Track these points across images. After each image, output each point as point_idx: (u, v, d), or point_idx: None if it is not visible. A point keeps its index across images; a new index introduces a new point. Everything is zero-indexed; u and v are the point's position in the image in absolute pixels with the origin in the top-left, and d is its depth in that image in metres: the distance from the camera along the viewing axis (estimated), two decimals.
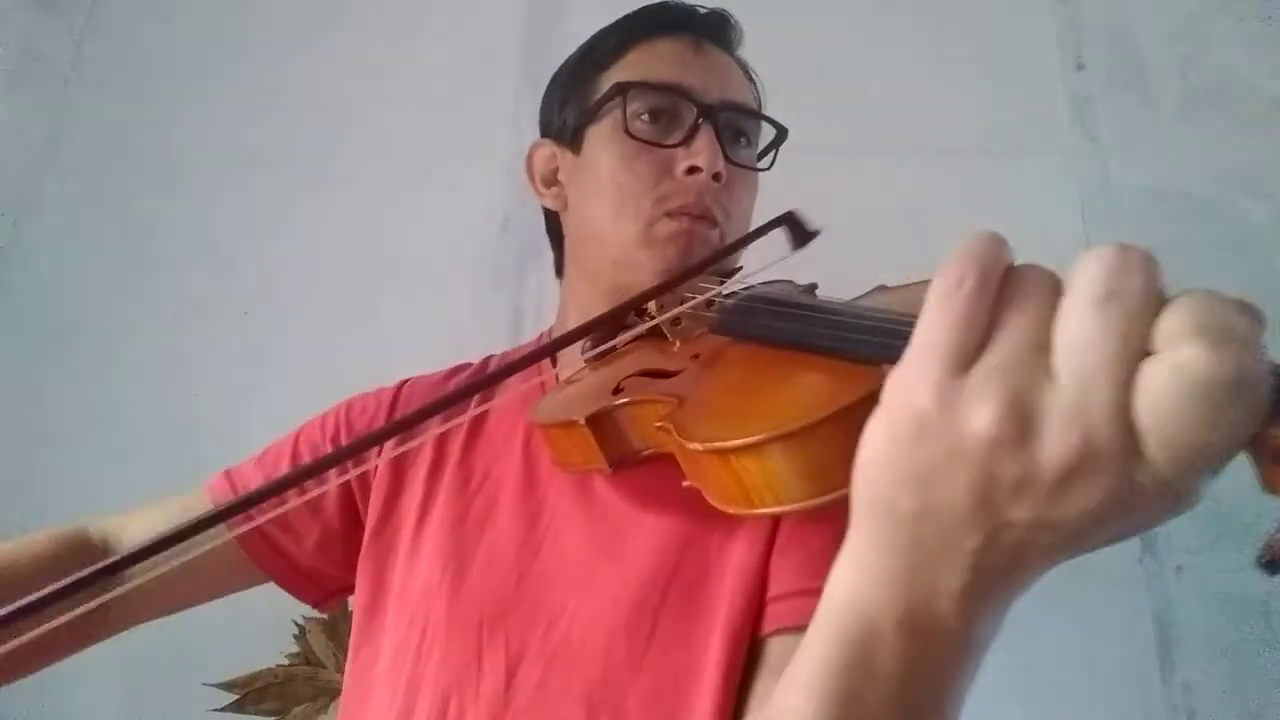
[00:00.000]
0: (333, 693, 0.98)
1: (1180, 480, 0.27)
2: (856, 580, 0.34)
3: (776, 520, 0.60)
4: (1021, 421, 0.27)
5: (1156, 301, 0.27)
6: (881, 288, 0.59)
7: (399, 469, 0.74)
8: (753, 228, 0.64)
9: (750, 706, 0.55)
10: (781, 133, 0.79)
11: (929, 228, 1.17)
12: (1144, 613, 0.98)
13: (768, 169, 0.79)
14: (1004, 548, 0.29)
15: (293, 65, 1.33)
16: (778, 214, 0.59)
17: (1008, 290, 0.29)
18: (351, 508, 0.75)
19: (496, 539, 0.66)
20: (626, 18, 0.78)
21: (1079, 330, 0.27)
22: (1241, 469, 0.28)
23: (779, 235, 0.59)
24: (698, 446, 0.45)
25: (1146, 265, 0.27)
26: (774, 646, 0.56)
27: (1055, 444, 0.27)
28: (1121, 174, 1.16)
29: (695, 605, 0.59)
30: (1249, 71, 1.19)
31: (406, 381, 0.82)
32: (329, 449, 0.76)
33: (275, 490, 0.45)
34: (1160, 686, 0.96)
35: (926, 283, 0.51)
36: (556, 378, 0.76)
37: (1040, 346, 0.27)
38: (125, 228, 1.26)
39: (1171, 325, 0.26)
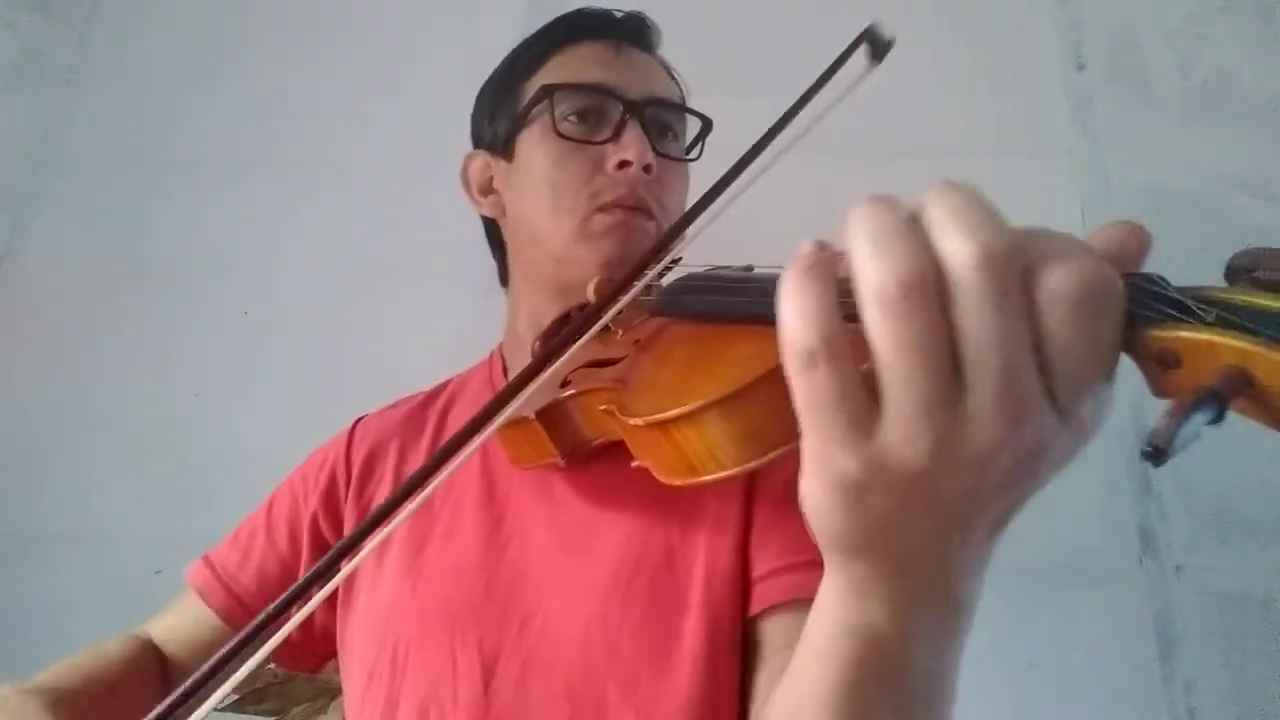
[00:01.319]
0: (332, 693, 0.98)
1: (1085, 404, 0.28)
2: (854, 609, 0.34)
3: (747, 504, 0.62)
4: (950, 448, 0.27)
5: (1013, 262, 0.27)
6: None
7: (363, 501, 0.74)
8: (834, 56, 0.63)
9: (755, 690, 0.56)
10: (706, 125, 0.81)
11: None
12: (1144, 613, 0.98)
13: (696, 159, 0.80)
14: (978, 536, 0.31)
15: (293, 66, 1.33)
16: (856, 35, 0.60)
17: (868, 328, 0.27)
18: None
19: (462, 548, 0.67)
20: (546, 27, 0.80)
21: (981, 337, 0.26)
22: (1241, 471, 0.28)
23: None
24: (639, 422, 0.46)
25: (988, 244, 0.27)
26: (770, 624, 0.58)
27: (986, 447, 0.27)
28: (1121, 174, 1.16)
29: (664, 592, 0.60)
30: (1249, 71, 1.19)
31: (359, 421, 0.82)
32: (303, 513, 0.76)
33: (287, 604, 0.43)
34: (1160, 686, 0.96)
35: None
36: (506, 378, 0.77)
37: (942, 369, 0.27)
38: (125, 228, 1.26)
39: (1029, 269, 0.27)
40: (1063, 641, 0.97)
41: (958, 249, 0.27)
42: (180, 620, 0.76)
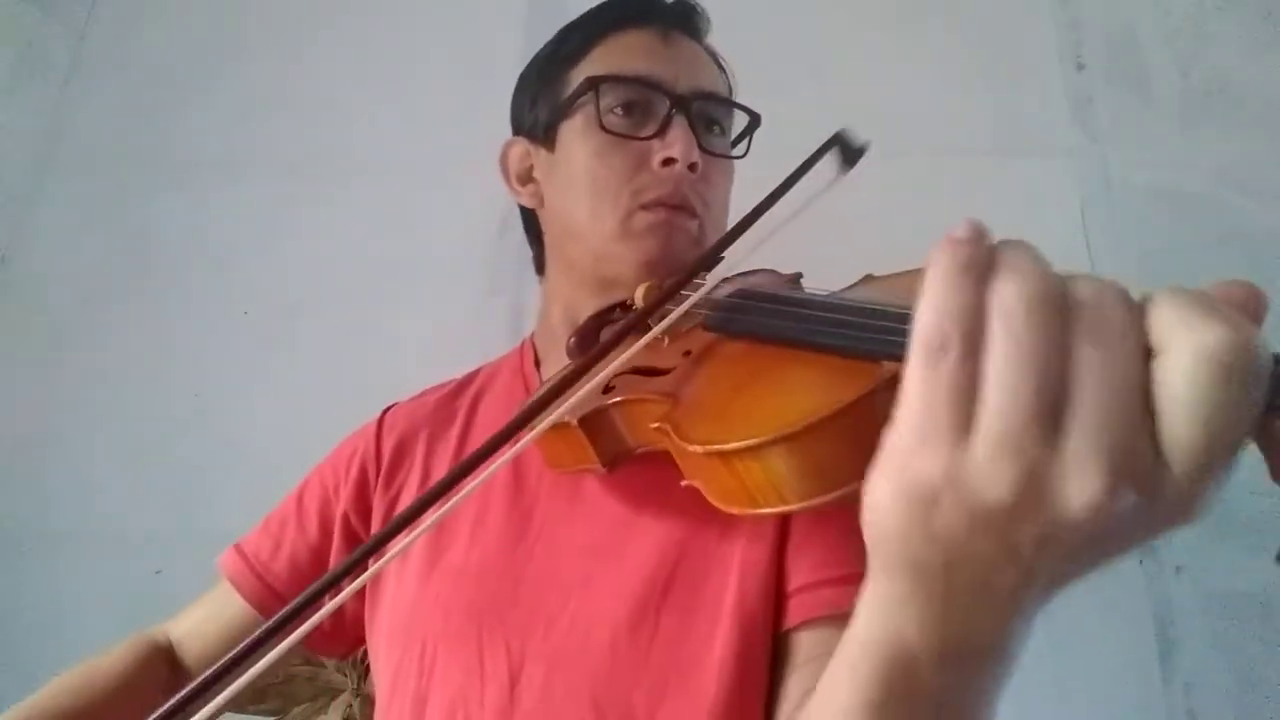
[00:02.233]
0: (332, 693, 0.98)
1: (1200, 485, 0.26)
2: (887, 624, 0.33)
3: (784, 515, 0.60)
4: (1038, 488, 0.26)
5: (1138, 312, 0.27)
6: (869, 277, 0.59)
7: (390, 492, 0.74)
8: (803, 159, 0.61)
9: (783, 699, 0.56)
10: (754, 119, 0.79)
11: (929, 228, 1.17)
12: (1144, 613, 0.98)
13: (743, 156, 0.79)
14: (1037, 583, 0.30)
15: (293, 66, 1.33)
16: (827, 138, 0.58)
17: (1001, 333, 0.27)
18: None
19: (489, 546, 0.66)
20: (592, 11, 0.77)
21: (1085, 378, 0.26)
22: (1240, 471, 0.28)
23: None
24: (698, 449, 0.45)
25: (1113, 290, 0.27)
26: (803, 639, 0.57)
27: (1076, 500, 0.26)
28: (1121, 174, 1.16)
29: (697, 600, 0.59)
30: (1249, 71, 1.19)
31: (389, 409, 0.81)
32: (334, 505, 0.75)
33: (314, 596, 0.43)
34: (1160, 686, 0.96)
35: (913, 272, 0.50)
36: (540, 379, 0.76)
37: (1043, 402, 0.27)
38: (125, 228, 1.26)
39: (1168, 322, 0.26)
40: (1063, 641, 0.97)
41: (1089, 283, 0.27)
42: (210, 612, 0.76)
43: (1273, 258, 1.09)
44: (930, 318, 0.28)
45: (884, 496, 0.29)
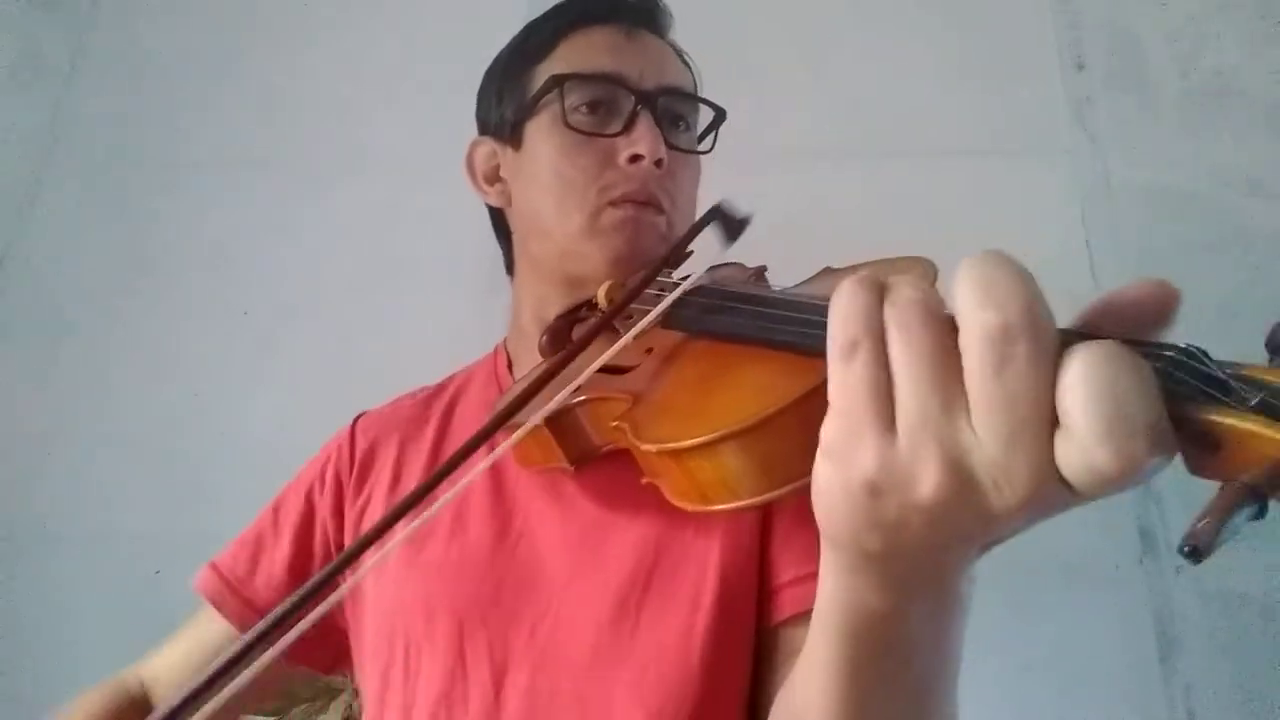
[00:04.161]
0: (332, 693, 0.98)
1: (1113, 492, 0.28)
2: (846, 589, 0.36)
3: (765, 509, 0.61)
4: (963, 480, 0.28)
5: (1051, 350, 0.27)
6: (828, 269, 0.60)
7: (360, 498, 0.73)
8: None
9: (772, 692, 0.56)
10: (719, 114, 0.78)
11: (929, 228, 1.18)
12: (1144, 613, 0.98)
13: (708, 152, 0.79)
14: (974, 550, 0.33)
15: (293, 66, 1.33)
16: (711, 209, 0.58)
17: (896, 334, 0.30)
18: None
19: (467, 546, 0.65)
20: (556, 9, 0.77)
21: (987, 396, 0.27)
22: None
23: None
24: (651, 448, 0.45)
25: (1030, 314, 0.27)
26: (795, 633, 0.56)
27: (997, 497, 0.28)
28: (1121, 174, 1.16)
29: (676, 596, 0.59)
30: (1249, 71, 1.19)
31: (359, 417, 0.81)
32: (311, 514, 0.75)
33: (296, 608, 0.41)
34: (1160, 686, 0.96)
35: (870, 264, 0.51)
36: (513, 381, 0.76)
37: (948, 396, 0.28)
38: (125, 228, 1.26)
39: (1074, 409, 0.26)
40: (1063, 642, 0.97)
41: (973, 324, 0.28)
42: (191, 643, 0.75)
43: (1273, 258, 1.09)
44: (838, 323, 0.31)
45: (828, 483, 0.31)
